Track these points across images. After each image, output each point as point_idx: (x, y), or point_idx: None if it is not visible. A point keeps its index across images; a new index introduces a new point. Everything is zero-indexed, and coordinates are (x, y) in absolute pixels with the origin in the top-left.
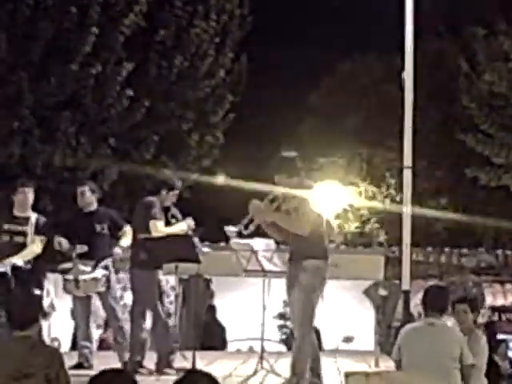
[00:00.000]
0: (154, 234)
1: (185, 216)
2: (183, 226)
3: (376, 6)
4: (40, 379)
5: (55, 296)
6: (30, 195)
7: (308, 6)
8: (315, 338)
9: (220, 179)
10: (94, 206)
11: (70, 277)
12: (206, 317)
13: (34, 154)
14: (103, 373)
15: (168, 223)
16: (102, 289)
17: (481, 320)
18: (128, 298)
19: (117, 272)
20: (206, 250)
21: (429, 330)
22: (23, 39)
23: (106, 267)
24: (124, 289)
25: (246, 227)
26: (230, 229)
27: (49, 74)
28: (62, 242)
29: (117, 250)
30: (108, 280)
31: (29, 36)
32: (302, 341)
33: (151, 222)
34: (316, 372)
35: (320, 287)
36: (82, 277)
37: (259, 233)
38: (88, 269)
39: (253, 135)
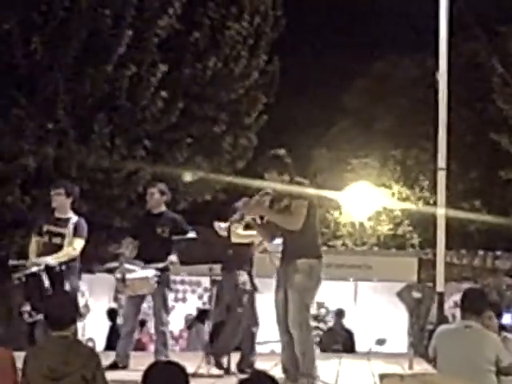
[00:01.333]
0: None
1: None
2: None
3: (410, 7)
4: (77, 379)
5: (90, 296)
6: (62, 197)
7: (342, 7)
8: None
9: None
10: (162, 209)
11: (118, 275)
12: None
13: (69, 155)
14: (155, 364)
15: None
16: (152, 290)
17: None
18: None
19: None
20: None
21: (465, 332)
22: (58, 41)
23: (158, 269)
24: (176, 299)
25: (239, 222)
26: (221, 225)
27: (84, 76)
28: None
29: (172, 258)
30: (159, 282)
31: (63, 38)
32: (304, 341)
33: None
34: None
35: (314, 287)
36: (129, 276)
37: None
38: (136, 268)
39: (286, 137)
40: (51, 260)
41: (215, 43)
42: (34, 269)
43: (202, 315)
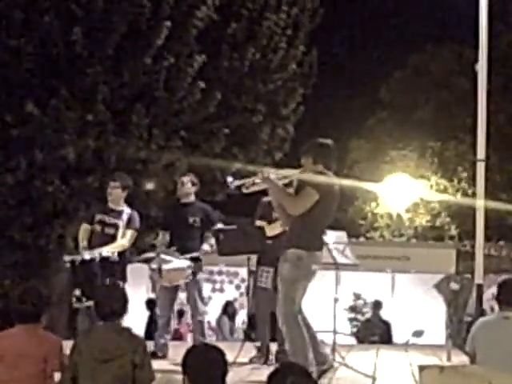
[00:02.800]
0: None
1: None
2: None
3: None
4: (126, 362)
5: (128, 286)
6: (118, 190)
7: None
8: (304, 330)
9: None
10: (192, 198)
11: (154, 266)
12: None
13: (108, 146)
14: (195, 347)
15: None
16: (187, 280)
17: None
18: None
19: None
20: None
21: (503, 323)
22: (97, 33)
23: (192, 259)
24: (213, 290)
25: (245, 186)
26: (233, 181)
27: (122, 68)
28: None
29: (205, 247)
30: (194, 272)
31: (103, 29)
32: (290, 337)
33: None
34: (320, 360)
35: (302, 279)
36: (165, 266)
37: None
38: (172, 259)
39: (323, 128)
40: (106, 250)
41: (253, 34)
42: (88, 256)
43: (226, 307)
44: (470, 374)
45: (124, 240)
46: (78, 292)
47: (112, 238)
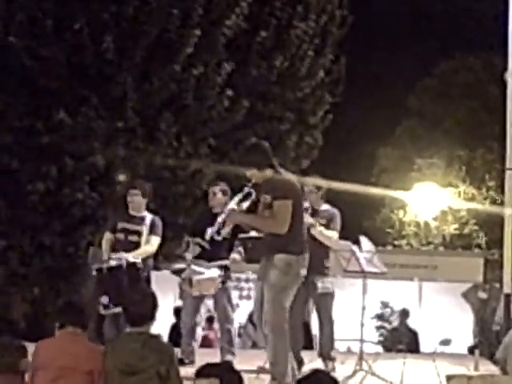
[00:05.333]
0: None
1: None
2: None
3: (477, 5)
4: (152, 375)
5: (156, 293)
6: (139, 197)
7: (408, 6)
8: (288, 339)
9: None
10: (223, 208)
11: (185, 276)
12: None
13: (137, 153)
14: (203, 368)
15: None
16: (217, 290)
17: None
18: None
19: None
20: None
21: None
22: (127, 41)
23: (221, 268)
24: (241, 297)
25: (219, 232)
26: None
27: (152, 75)
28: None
29: (234, 256)
30: (224, 281)
31: (133, 38)
32: (275, 344)
33: None
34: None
35: (292, 285)
36: (195, 277)
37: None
38: (202, 270)
39: (351, 136)
40: (131, 257)
41: (281, 42)
42: (114, 262)
43: (252, 315)
44: (498, 383)
45: (149, 246)
46: (105, 299)
47: (136, 245)
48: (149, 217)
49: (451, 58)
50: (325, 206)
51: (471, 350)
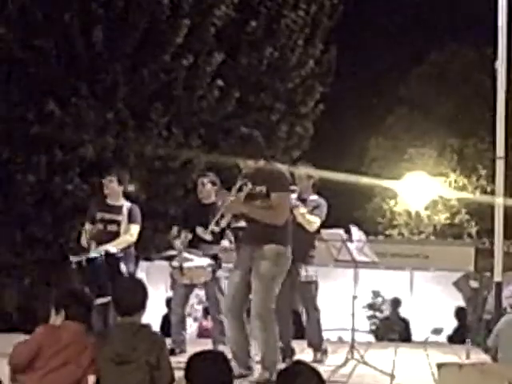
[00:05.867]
0: None
1: None
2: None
3: None
4: (141, 365)
5: (147, 284)
6: (114, 185)
7: None
8: (277, 328)
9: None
10: (212, 198)
11: (176, 263)
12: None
13: (128, 144)
14: (197, 355)
15: None
16: (208, 278)
17: None
18: None
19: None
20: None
21: None
22: (117, 32)
23: (213, 258)
24: None
25: (218, 224)
26: (202, 230)
27: (142, 66)
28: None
29: (224, 243)
30: (214, 271)
31: (123, 29)
32: (266, 334)
33: None
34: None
35: (280, 276)
36: (186, 264)
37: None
38: (194, 257)
39: (342, 126)
40: (112, 247)
41: (271, 32)
42: (94, 254)
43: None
44: (490, 371)
45: (128, 235)
46: (86, 291)
47: (115, 235)
48: (126, 205)
49: (443, 47)
50: (313, 197)
51: (450, 339)
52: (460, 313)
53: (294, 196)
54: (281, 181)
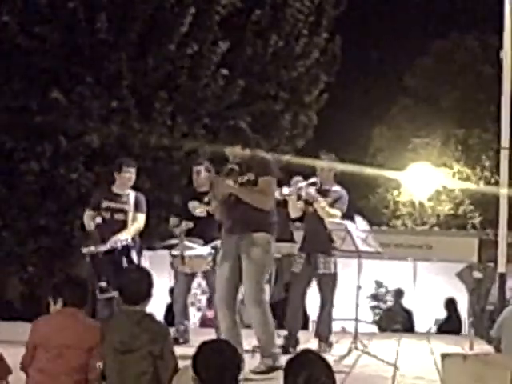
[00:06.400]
0: None
1: None
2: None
3: None
4: (144, 354)
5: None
6: (134, 176)
7: None
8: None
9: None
10: (208, 187)
11: (176, 252)
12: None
13: (132, 133)
14: (205, 344)
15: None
16: (208, 267)
17: None
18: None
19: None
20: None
21: None
22: (122, 20)
23: (213, 247)
24: None
25: (208, 203)
26: (195, 204)
27: (146, 55)
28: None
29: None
30: (214, 259)
31: (127, 17)
32: (265, 317)
33: None
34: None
35: (270, 263)
36: (187, 253)
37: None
38: (194, 246)
39: (346, 116)
40: (124, 237)
41: (276, 21)
42: (106, 246)
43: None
44: (493, 362)
45: (136, 224)
46: (103, 283)
47: (122, 224)
48: (132, 194)
49: (447, 37)
50: (336, 187)
51: (439, 328)
52: (449, 304)
53: (312, 188)
54: (269, 167)
